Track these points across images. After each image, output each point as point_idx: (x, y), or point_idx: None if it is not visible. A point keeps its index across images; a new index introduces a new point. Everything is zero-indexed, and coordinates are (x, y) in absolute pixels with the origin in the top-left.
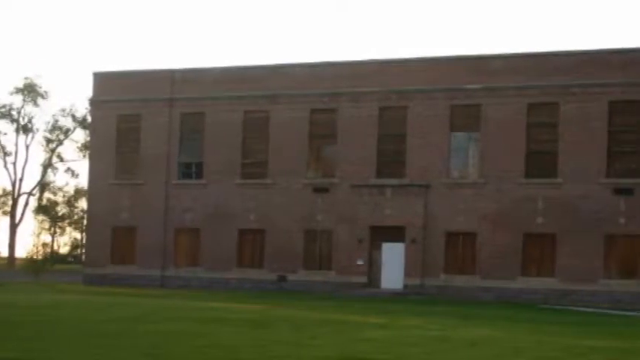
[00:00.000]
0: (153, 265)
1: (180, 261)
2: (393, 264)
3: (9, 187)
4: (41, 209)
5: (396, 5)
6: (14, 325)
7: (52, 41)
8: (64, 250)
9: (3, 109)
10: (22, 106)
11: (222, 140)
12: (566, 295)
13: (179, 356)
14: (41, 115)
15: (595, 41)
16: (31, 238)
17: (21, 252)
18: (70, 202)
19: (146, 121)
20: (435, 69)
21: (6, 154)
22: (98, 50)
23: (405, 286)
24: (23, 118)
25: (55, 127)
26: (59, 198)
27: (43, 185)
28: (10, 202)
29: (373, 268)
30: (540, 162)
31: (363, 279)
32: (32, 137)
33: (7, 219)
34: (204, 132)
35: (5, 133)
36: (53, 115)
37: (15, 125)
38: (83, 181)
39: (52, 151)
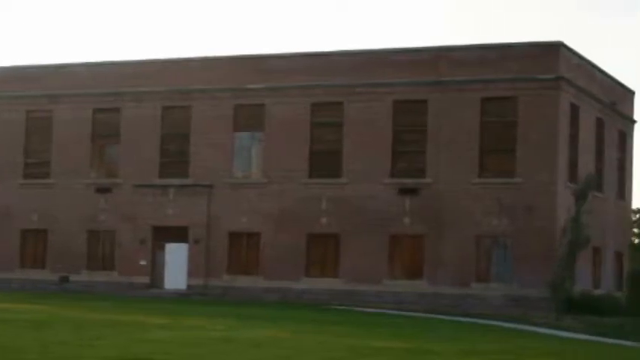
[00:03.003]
0: None
1: None
2: (176, 264)
3: None
4: None
5: (175, 3)
6: None
7: None
8: None
9: None
10: None
11: (4, 140)
12: (351, 296)
13: None
14: None
15: (379, 41)
16: None
17: None
18: None
19: None
20: (218, 68)
21: None
22: None
23: (189, 287)
24: None
25: None
26: None
27: None
28: None
29: (156, 268)
30: (324, 162)
31: (146, 279)
32: None
33: None
34: None
35: None
36: None
37: None
38: None
39: None
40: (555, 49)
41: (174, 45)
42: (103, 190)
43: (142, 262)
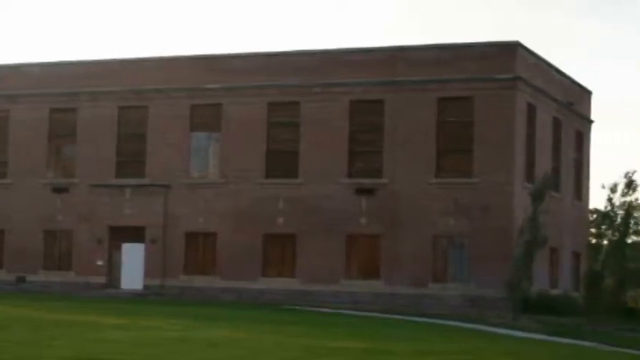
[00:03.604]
0: None
1: None
2: (133, 264)
3: None
4: None
5: (131, 3)
6: None
7: None
8: None
9: None
10: None
11: None
12: (307, 296)
13: None
14: None
15: (335, 41)
16: None
17: None
18: None
19: None
20: (174, 68)
21: None
22: None
23: (145, 287)
24: None
25: None
26: None
27: None
28: None
29: (113, 268)
30: (281, 162)
31: (103, 279)
32: None
33: None
34: None
35: None
36: None
37: None
38: None
39: None
40: (512, 49)
41: (131, 45)
42: (59, 189)
43: (99, 262)
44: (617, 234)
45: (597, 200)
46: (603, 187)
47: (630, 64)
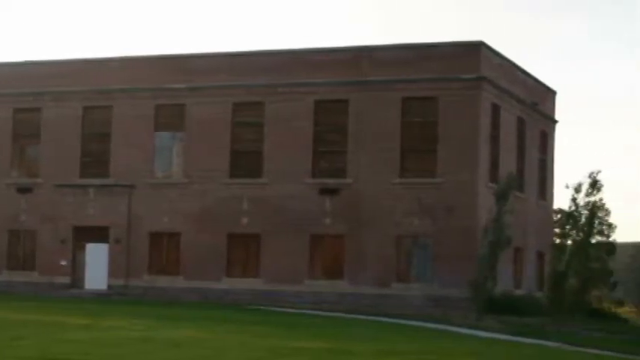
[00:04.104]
0: None
1: None
2: (96, 264)
3: None
4: None
5: (96, 3)
6: None
7: None
8: None
9: None
10: None
11: None
12: (272, 296)
13: None
14: None
15: (300, 41)
16: None
17: None
18: None
19: None
20: (139, 68)
21: None
22: None
23: (109, 287)
24: None
25: None
26: None
27: None
28: None
29: (77, 268)
30: (245, 162)
31: (67, 279)
32: None
33: None
34: None
35: None
36: None
37: None
38: None
39: None
40: (476, 49)
41: (95, 45)
42: (23, 189)
43: (63, 263)
44: (581, 234)
45: (561, 200)
46: (567, 187)
47: (594, 64)
